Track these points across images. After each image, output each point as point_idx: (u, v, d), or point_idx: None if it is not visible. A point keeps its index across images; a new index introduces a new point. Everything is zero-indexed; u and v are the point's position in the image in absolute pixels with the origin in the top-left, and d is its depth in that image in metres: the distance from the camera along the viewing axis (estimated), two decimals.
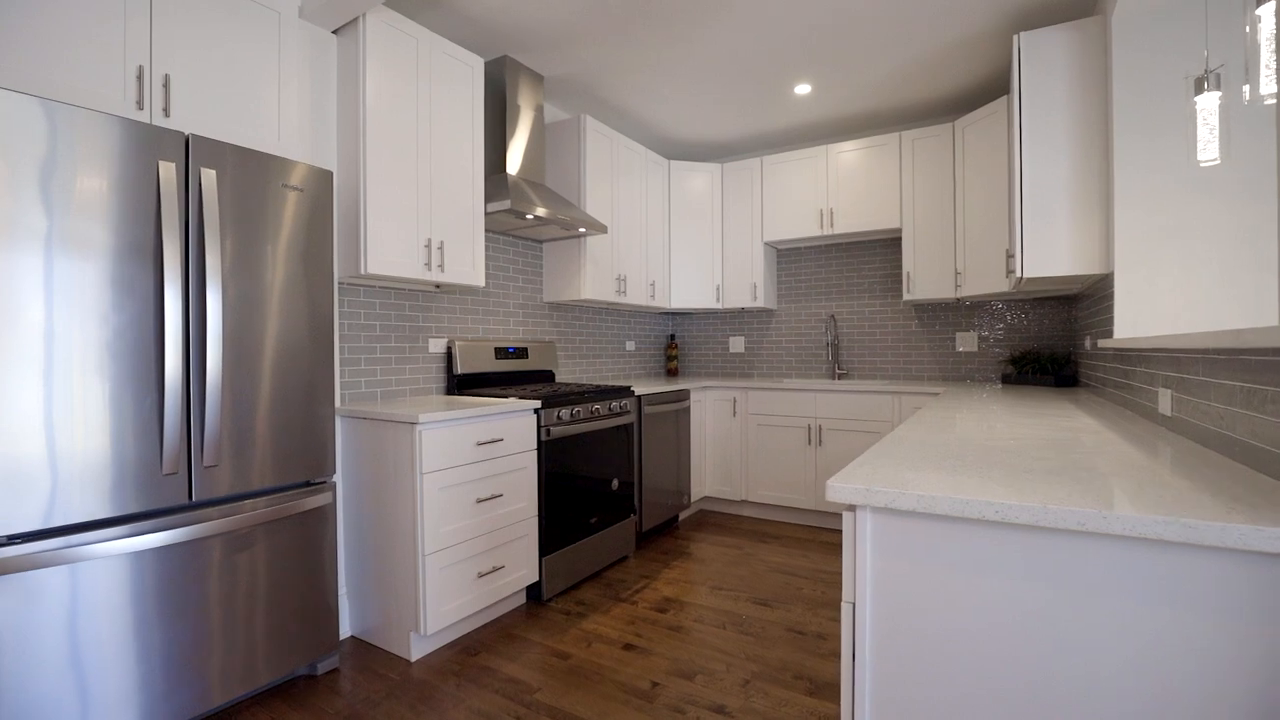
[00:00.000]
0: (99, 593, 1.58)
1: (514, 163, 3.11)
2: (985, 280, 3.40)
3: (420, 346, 2.91)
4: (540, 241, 3.62)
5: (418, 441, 2.15)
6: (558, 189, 3.57)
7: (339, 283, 2.54)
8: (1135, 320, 2.36)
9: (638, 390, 3.35)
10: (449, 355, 3.01)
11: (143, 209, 1.65)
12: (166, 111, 1.86)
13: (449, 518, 2.26)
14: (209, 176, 1.78)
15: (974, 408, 2.25)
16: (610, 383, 3.97)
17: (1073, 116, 2.55)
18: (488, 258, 3.27)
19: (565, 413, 2.76)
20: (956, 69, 3.29)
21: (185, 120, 1.90)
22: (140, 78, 1.80)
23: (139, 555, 1.65)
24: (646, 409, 3.41)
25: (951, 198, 3.63)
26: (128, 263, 1.63)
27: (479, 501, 2.36)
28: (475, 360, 3.05)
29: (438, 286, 2.89)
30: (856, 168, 3.90)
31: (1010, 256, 2.94)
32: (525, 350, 3.35)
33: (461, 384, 3.00)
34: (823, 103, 3.71)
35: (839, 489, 0.99)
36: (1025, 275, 2.61)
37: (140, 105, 1.80)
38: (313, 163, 2.32)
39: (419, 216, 2.51)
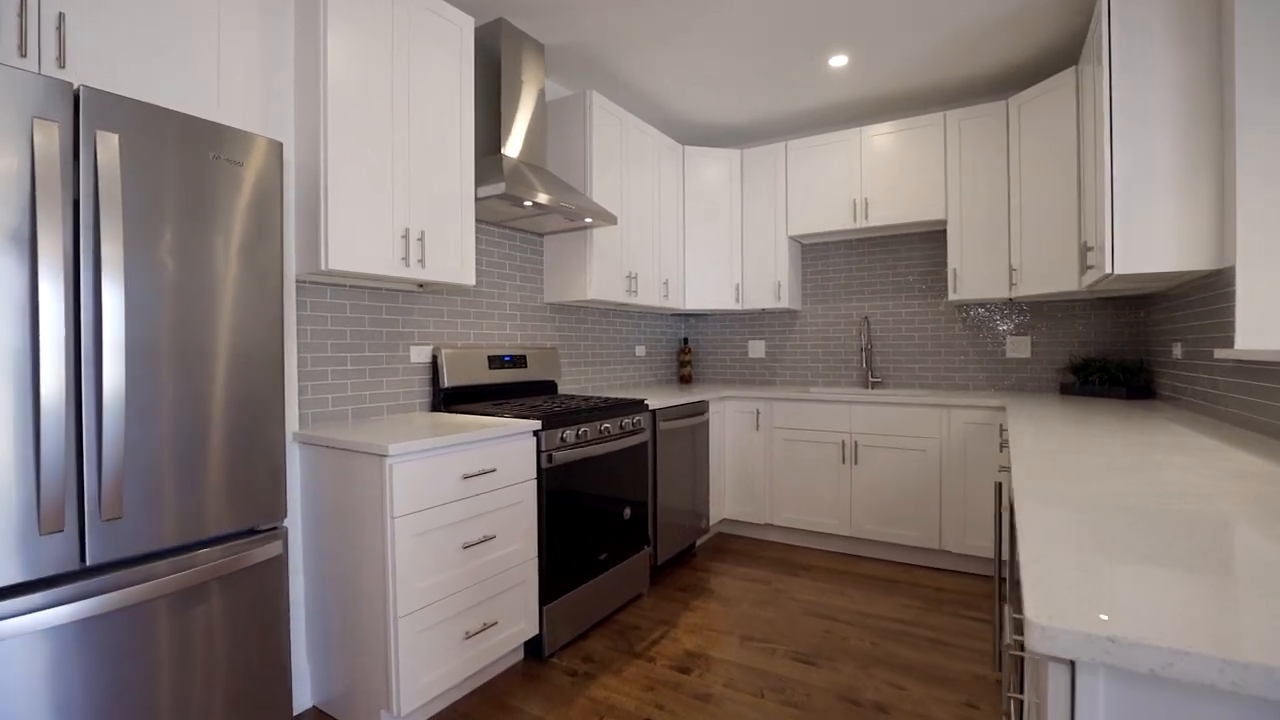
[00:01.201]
0: None
1: (510, 142, 2.69)
2: (1046, 278, 2.98)
3: (400, 355, 2.49)
4: (540, 235, 3.20)
5: (387, 478, 1.74)
6: (561, 175, 3.15)
7: (297, 281, 2.13)
8: (1260, 324, 1.94)
9: (652, 403, 2.94)
10: (434, 365, 2.60)
11: (12, 183, 1.24)
12: (60, 61, 1.45)
13: (428, 569, 1.84)
14: (108, 142, 1.36)
15: (1071, 431, 1.83)
16: (619, 393, 3.55)
17: (1177, 82, 2.13)
18: (480, 252, 2.86)
19: (570, 434, 2.34)
20: (1015, 38, 2.87)
21: (88, 75, 1.49)
22: (22, 14, 1.39)
23: (7, 643, 1.24)
24: (662, 425, 3.00)
25: (1005, 185, 3.21)
26: None
27: (466, 547, 1.95)
28: (465, 371, 2.63)
29: (421, 286, 2.47)
30: (894, 153, 3.48)
31: (1089, 250, 2.52)
32: (523, 358, 2.94)
33: (449, 399, 2.59)
34: (860, 77, 3.29)
35: (1048, 633, 0.57)
36: (1116, 271, 2.19)
37: (23, 51, 1.39)
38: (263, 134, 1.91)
39: (395, 202, 2.09)
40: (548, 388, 3.10)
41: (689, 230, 3.90)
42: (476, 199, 2.43)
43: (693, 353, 4.51)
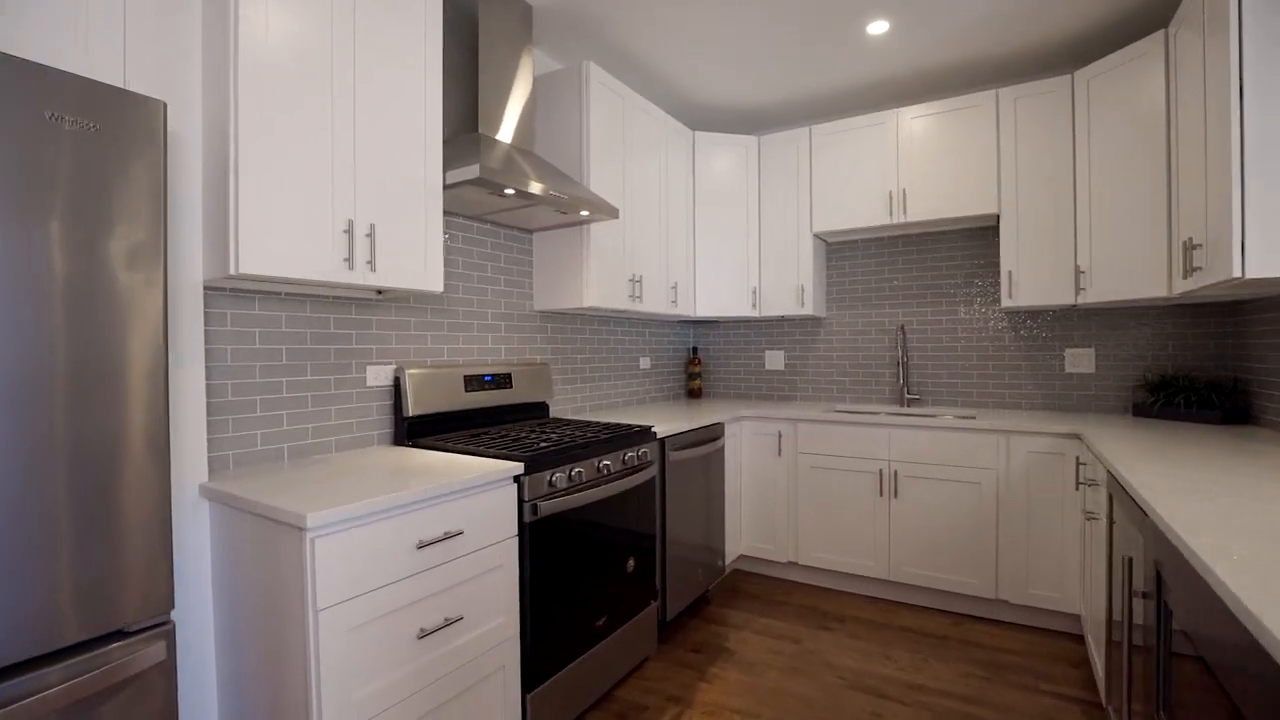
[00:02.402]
0: None
1: (489, 121, 2.24)
2: (1124, 280, 2.52)
3: (354, 378, 2.04)
4: (529, 231, 2.75)
5: (308, 559, 1.28)
6: (552, 161, 2.70)
7: (208, 288, 1.67)
8: None
9: (660, 429, 2.48)
10: (397, 389, 2.14)
11: None
12: None
13: (370, 672, 1.39)
14: None
15: (1198, 466, 1.37)
16: (621, 413, 3.10)
17: None
18: (455, 251, 2.40)
19: (560, 476, 1.89)
20: (1084, 1, 2.42)
21: None
22: None
23: None
24: (671, 455, 2.54)
25: (1069, 173, 2.75)
26: None
27: (423, 635, 1.49)
28: (435, 395, 2.18)
29: (380, 293, 2.02)
30: (936, 137, 3.02)
31: (1193, 248, 2.06)
32: (508, 377, 2.48)
33: (415, 430, 2.13)
34: (901, 47, 2.83)
35: None
36: (1251, 274, 1.73)
37: None
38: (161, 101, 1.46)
39: (335, 189, 1.64)
40: (537, 410, 2.65)
41: (700, 227, 3.44)
42: (445, 187, 1.97)
43: (703, 364, 4.05)
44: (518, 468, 1.75)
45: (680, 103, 3.42)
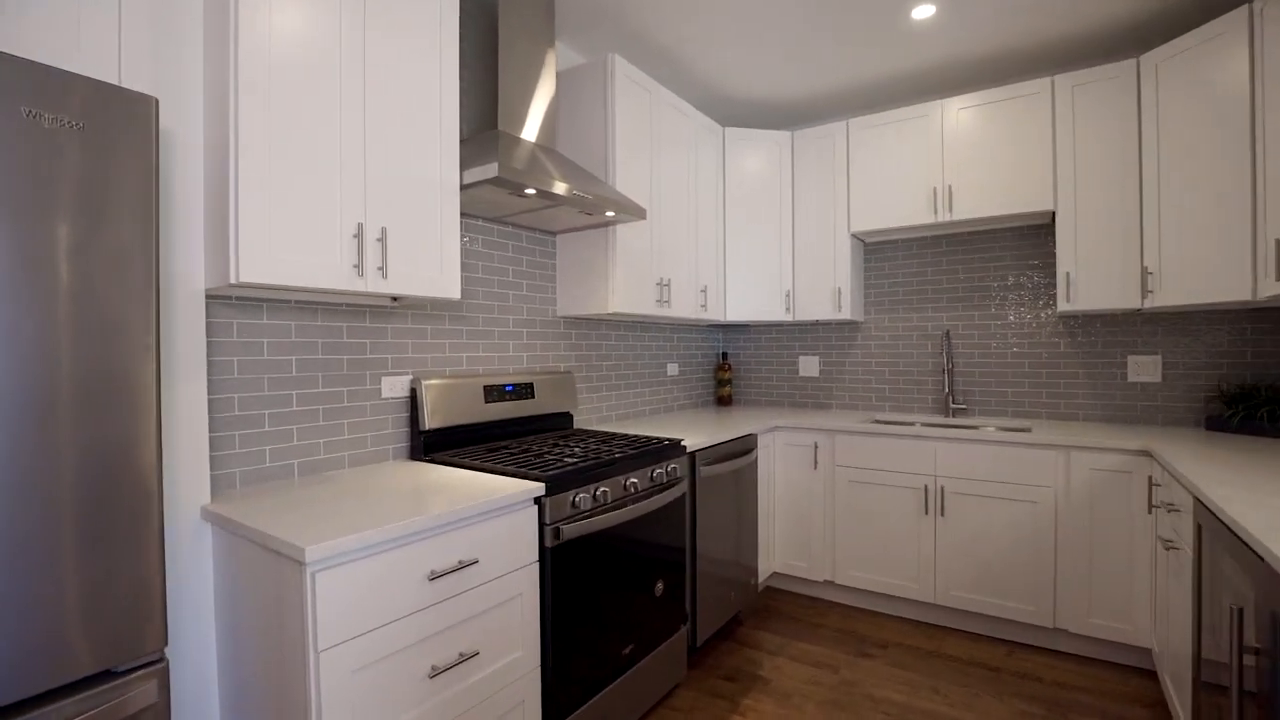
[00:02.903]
0: None
1: (509, 117, 2.12)
2: (1200, 282, 2.30)
3: (368, 390, 1.94)
4: (553, 233, 2.63)
5: (308, 595, 1.17)
6: (576, 159, 2.58)
7: (210, 296, 1.58)
8: None
9: (691, 442, 2.34)
10: (413, 401, 2.04)
11: None
12: None
13: (378, 715, 1.27)
14: None
15: None
16: (649, 422, 2.96)
17: None
18: (474, 255, 2.29)
19: (584, 496, 1.76)
20: None
21: None
22: None
23: None
24: (702, 470, 2.39)
25: (1136, 165, 2.53)
26: None
27: (435, 674, 1.37)
28: (453, 407, 2.07)
29: (395, 300, 1.92)
30: (985, 129, 2.82)
31: None
32: (529, 387, 2.36)
33: (431, 444, 2.02)
34: (948, 31, 2.64)
35: None
36: None
37: None
38: (162, 112, 1.36)
39: (344, 191, 1.53)
40: (561, 421, 2.52)
41: (730, 227, 3.29)
42: (463, 187, 1.86)
43: (733, 369, 3.89)
44: (538, 489, 1.63)
45: (710, 97, 3.27)
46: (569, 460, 1.88)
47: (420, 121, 1.73)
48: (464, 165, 1.85)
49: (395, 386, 2.00)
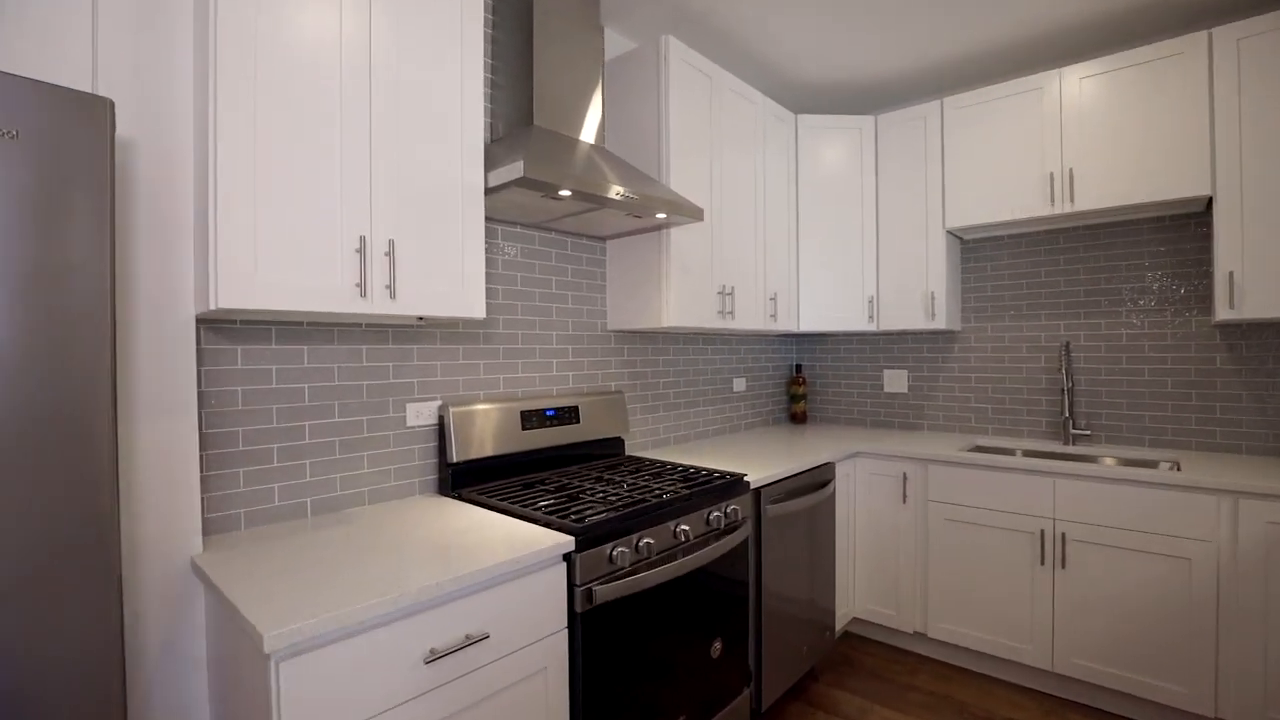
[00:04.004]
0: None
1: (546, 109, 1.89)
2: None
3: (391, 418, 1.76)
4: (601, 239, 2.38)
5: (272, 687, 0.97)
6: (627, 157, 2.32)
7: (212, 321, 1.43)
8: None
9: (755, 475, 2.03)
10: (441, 430, 1.84)
11: None
12: None
13: None
14: None
15: None
16: (710, 445, 2.66)
17: None
18: (512, 266, 2.08)
19: (624, 550, 1.49)
20: None
21: None
22: None
23: None
24: (769, 509, 2.07)
25: None
26: None
27: None
28: (486, 435, 1.86)
29: (421, 318, 1.73)
30: (1116, 100, 2.34)
31: None
32: (573, 410, 2.13)
33: (460, 478, 1.82)
34: None
35: None
36: None
37: None
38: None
39: (344, 197, 1.34)
40: (610, 448, 2.27)
41: (804, 227, 2.93)
42: (487, 190, 1.64)
43: (808, 384, 3.52)
44: (565, 543, 1.38)
45: (779, 81, 2.93)
46: (617, 498, 1.63)
47: (438, 119, 1.52)
48: (491, 166, 1.63)
49: (422, 414, 1.81)
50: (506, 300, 2.05)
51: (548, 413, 2.05)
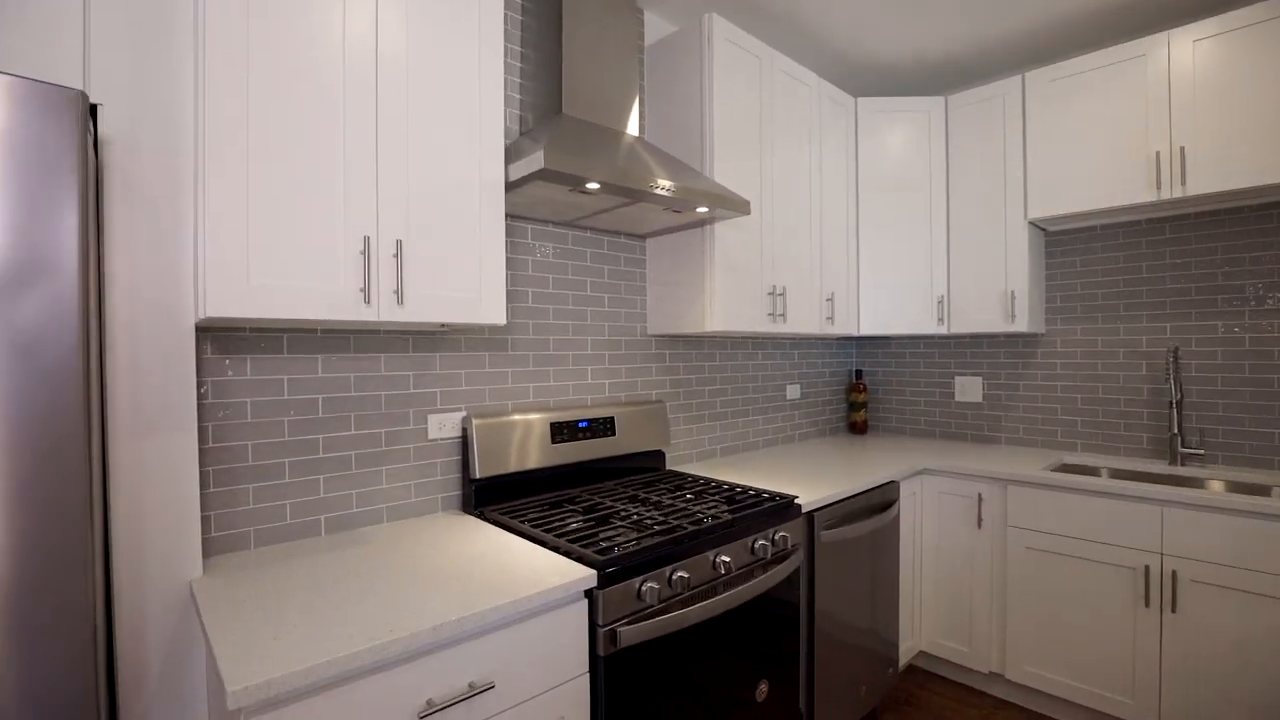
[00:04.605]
0: None
1: (576, 96, 1.75)
2: None
3: (412, 430, 1.65)
4: (640, 237, 2.23)
5: None
6: (669, 147, 2.15)
7: (218, 329, 1.35)
8: None
9: (808, 496, 1.82)
10: (464, 442, 1.73)
11: None
12: None
13: None
14: None
15: None
16: (760, 458, 2.46)
17: None
18: (543, 267, 1.94)
19: (653, 586, 1.32)
20: None
21: None
22: None
23: None
24: (823, 535, 1.86)
25: None
26: None
27: None
28: (512, 448, 1.73)
29: (443, 324, 1.62)
30: (1240, 66, 2.00)
31: None
32: (608, 422, 1.98)
33: (484, 495, 1.70)
34: None
35: None
36: None
37: None
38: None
39: (347, 194, 1.23)
40: (650, 461, 2.11)
41: (865, 221, 2.69)
42: (508, 185, 1.51)
43: (869, 391, 3.26)
44: (586, 578, 1.22)
45: (836, 62, 2.70)
46: (651, 522, 1.47)
47: (452, 110, 1.40)
48: (512, 158, 1.50)
49: (445, 425, 1.70)
50: (537, 304, 1.92)
51: (580, 424, 1.90)
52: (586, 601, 1.25)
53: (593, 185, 1.49)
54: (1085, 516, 2.06)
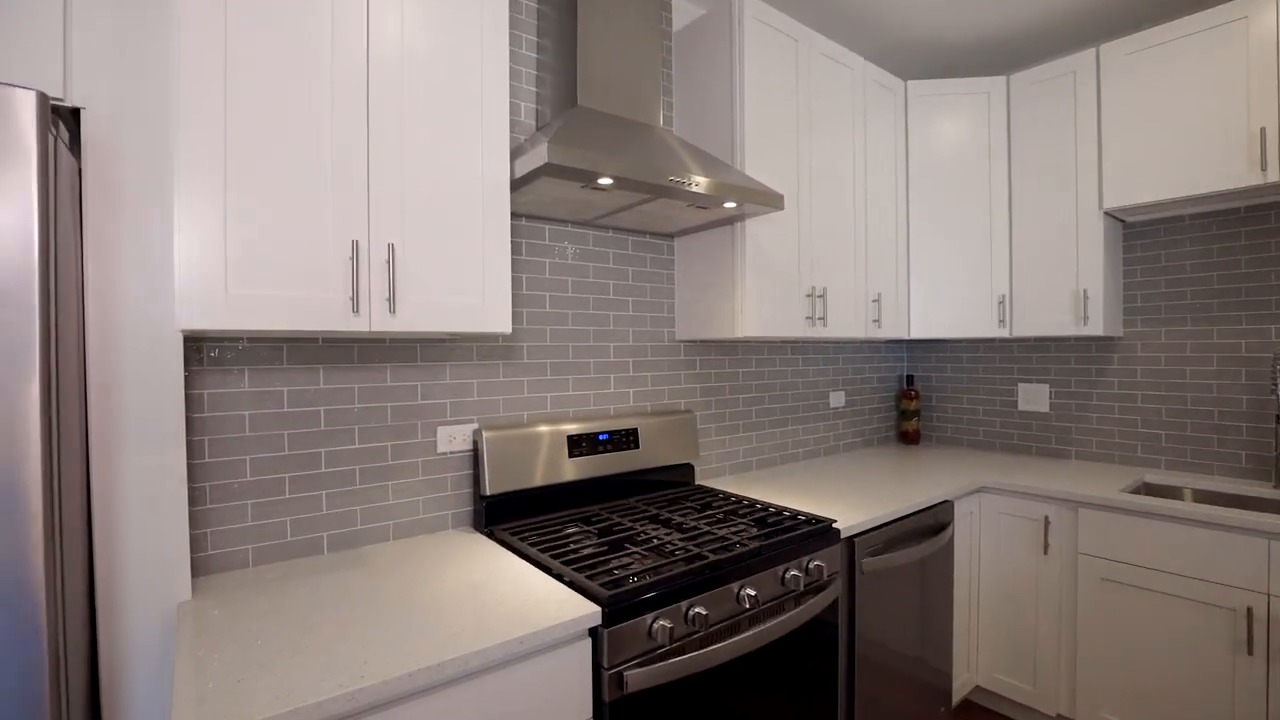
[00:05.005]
0: None
1: (592, 87, 1.63)
2: None
3: (420, 444, 1.57)
4: (668, 236, 2.09)
5: None
6: (696, 140, 2.01)
7: (212, 339, 1.29)
8: None
9: (848, 519, 1.66)
10: (475, 456, 1.64)
11: None
12: None
13: None
14: None
15: None
16: (800, 472, 2.29)
17: None
18: (562, 269, 1.84)
19: (666, 623, 1.19)
20: None
21: None
22: None
23: None
24: (865, 563, 1.69)
25: None
26: None
27: None
28: (525, 463, 1.63)
29: (451, 334, 1.53)
30: None
31: None
32: (631, 434, 1.85)
33: (495, 512, 1.60)
34: None
35: None
36: None
37: None
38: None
39: (334, 195, 1.15)
40: (677, 476, 1.98)
41: (916, 215, 2.48)
42: (514, 183, 1.40)
43: (921, 398, 3.03)
44: (590, 615, 1.10)
45: (884, 43, 2.49)
46: (672, 548, 1.34)
47: (453, 102, 1.30)
48: (519, 154, 1.40)
49: (454, 438, 1.62)
50: (555, 309, 1.81)
51: (600, 436, 1.79)
52: (590, 640, 1.13)
53: (605, 181, 1.37)
54: (1173, 547, 1.81)
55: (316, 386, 1.42)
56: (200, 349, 1.28)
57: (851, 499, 1.88)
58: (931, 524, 1.94)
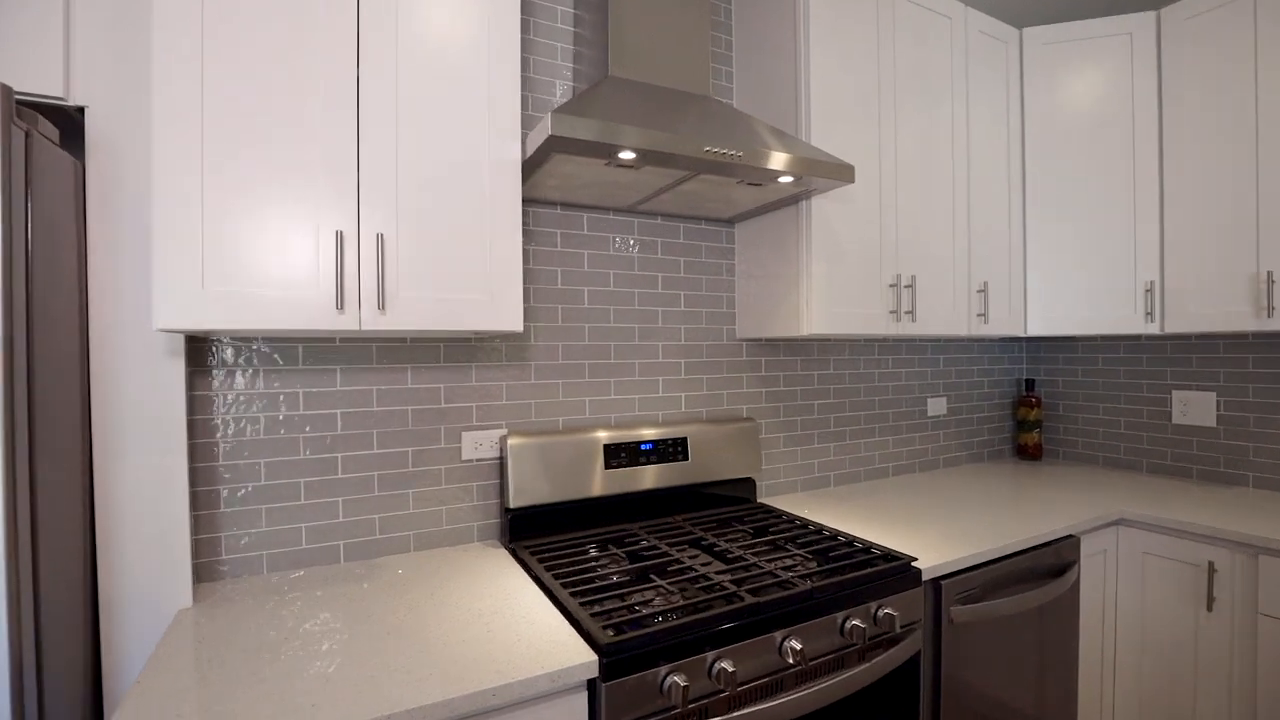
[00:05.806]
0: None
1: (624, 54, 1.45)
2: None
3: (444, 450, 1.47)
4: (727, 222, 1.87)
5: None
6: (756, 110, 1.78)
7: (225, 339, 1.25)
8: None
9: (931, 560, 1.36)
10: (502, 465, 1.51)
11: None
12: None
13: None
14: None
15: None
16: (888, 489, 1.98)
17: None
18: (601, 261, 1.67)
19: (678, 681, 0.99)
20: None
21: None
22: None
23: None
24: (956, 611, 1.38)
25: None
26: None
27: None
28: (553, 476, 1.48)
29: (477, 333, 1.42)
30: None
31: None
32: (679, 444, 1.65)
33: (519, 527, 1.47)
34: None
35: None
36: None
37: None
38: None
39: (320, 180, 1.05)
40: (735, 491, 1.76)
41: (1033, 189, 2.08)
42: (526, 164, 1.26)
43: (1044, 406, 2.57)
44: (586, 663, 0.93)
45: None
46: (706, 582, 1.15)
47: (454, 76, 1.17)
48: (527, 130, 1.25)
49: (481, 445, 1.50)
50: (594, 304, 1.65)
51: (642, 446, 1.60)
52: (587, 694, 0.95)
53: (626, 155, 1.19)
54: None
55: (334, 388, 1.35)
56: (213, 349, 1.25)
57: (946, 527, 1.57)
58: (1052, 563, 1.58)
